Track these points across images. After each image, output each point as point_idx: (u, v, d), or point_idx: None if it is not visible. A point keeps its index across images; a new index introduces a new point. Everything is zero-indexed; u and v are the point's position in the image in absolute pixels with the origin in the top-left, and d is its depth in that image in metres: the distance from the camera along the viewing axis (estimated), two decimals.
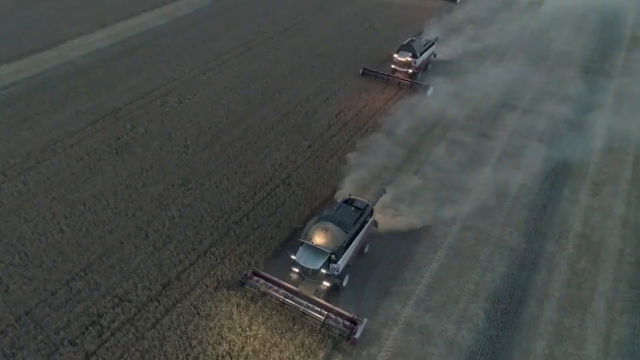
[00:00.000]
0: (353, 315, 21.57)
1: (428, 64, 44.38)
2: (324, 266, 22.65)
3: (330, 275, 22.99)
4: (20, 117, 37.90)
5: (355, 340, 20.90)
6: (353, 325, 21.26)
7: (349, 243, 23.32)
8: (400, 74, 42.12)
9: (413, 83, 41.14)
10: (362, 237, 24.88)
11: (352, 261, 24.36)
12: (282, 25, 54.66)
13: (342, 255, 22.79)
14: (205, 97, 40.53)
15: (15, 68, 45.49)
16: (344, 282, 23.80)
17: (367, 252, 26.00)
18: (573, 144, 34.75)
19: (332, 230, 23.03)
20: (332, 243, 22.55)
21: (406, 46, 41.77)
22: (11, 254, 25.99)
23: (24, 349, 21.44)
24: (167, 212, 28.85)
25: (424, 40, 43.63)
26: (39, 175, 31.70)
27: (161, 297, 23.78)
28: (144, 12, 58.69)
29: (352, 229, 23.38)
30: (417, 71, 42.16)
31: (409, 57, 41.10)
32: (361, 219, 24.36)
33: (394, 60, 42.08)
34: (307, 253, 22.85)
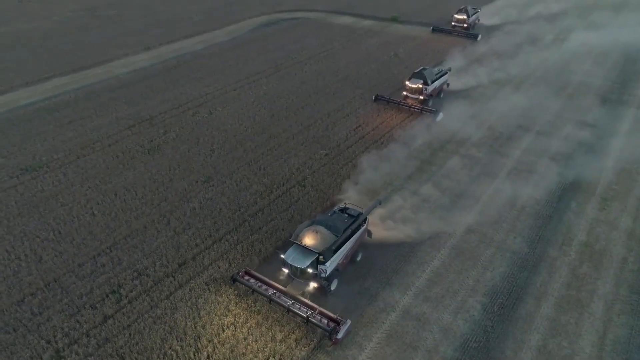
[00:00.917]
0: (337, 316, 21.66)
1: (440, 92, 45.88)
2: (311, 266, 23.02)
3: (318, 276, 23.36)
4: (67, 120, 41.69)
5: (337, 340, 21.07)
6: (336, 325, 21.36)
7: (339, 247, 23.69)
8: (411, 100, 43.60)
9: (423, 109, 42.54)
10: (354, 244, 25.28)
11: (343, 267, 24.82)
12: (311, 52, 58.10)
13: (330, 258, 23.04)
14: (234, 110, 43.50)
15: (66, 81, 50.11)
16: (332, 286, 24.18)
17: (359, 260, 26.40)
18: (585, 164, 35.38)
19: (323, 233, 23.71)
20: (321, 245, 23.15)
21: (418, 74, 43.55)
22: (47, 231, 28.59)
23: (50, 309, 23.51)
24: (189, 204, 31.09)
25: (437, 70, 45.48)
26: (78, 168, 34.77)
27: (176, 274, 25.62)
28: (185, 39, 63.52)
29: (342, 234, 23.90)
30: (428, 98, 43.62)
31: (420, 84, 42.71)
32: (353, 225, 24.88)
33: (406, 87, 43.79)
34: (296, 253, 23.38)
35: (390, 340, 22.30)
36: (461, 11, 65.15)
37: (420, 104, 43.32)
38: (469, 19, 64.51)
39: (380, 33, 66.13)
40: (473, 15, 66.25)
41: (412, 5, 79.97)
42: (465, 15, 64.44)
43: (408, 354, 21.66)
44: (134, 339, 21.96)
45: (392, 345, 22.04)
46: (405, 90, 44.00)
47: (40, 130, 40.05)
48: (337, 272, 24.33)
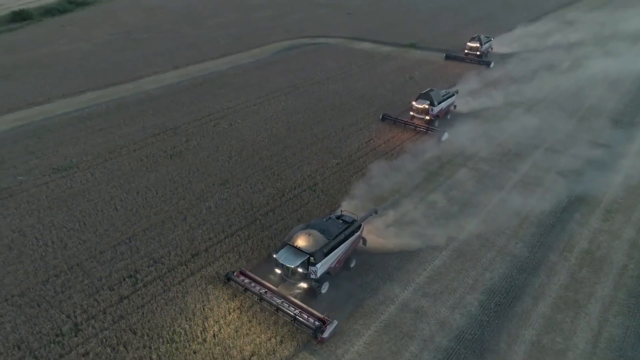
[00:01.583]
0: (324, 316, 22.29)
1: (447, 113, 46.93)
2: (302, 266, 23.56)
3: (307, 277, 23.89)
4: (97, 128, 44.66)
5: (323, 339, 21.63)
6: (322, 325, 21.93)
7: (330, 251, 24.27)
8: (418, 121, 44.77)
9: (429, 129, 43.64)
10: (347, 249, 25.83)
11: (335, 272, 25.33)
12: (329, 74, 60.62)
13: (321, 260, 23.58)
14: (252, 123, 45.83)
15: (99, 94, 53.61)
16: (323, 289, 24.66)
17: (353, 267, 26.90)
18: (592, 179, 35.87)
19: (315, 235, 24.43)
20: (312, 247, 23.80)
21: (425, 95, 44.75)
22: (72, 222, 30.79)
23: (71, 289, 25.36)
24: (205, 203, 32.98)
25: (444, 91, 46.65)
26: (105, 169, 37.25)
27: (189, 263, 27.27)
28: (212, 60, 67.05)
29: (334, 237, 24.61)
30: (434, 118, 44.61)
31: (426, 104, 43.87)
32: (346, 231, 25.59)
33: (413, 107, 44.99)
34: (288, 253, 24.03)
35: (387, 329, 23.25)
36: (474, 39, 66.72)
37: (427, 124, 44.36)
38: (481, 47, 65.90)
39: (397, 58, 68.48)
40: (486, 44, 67.63)
41: (430, 32, 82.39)
42: (478, 44, 65.94)
43: (404, 342, 22.54)
44: (146, 317, 23.49)
45: (389, 333, 22.97)
46: (412, 111, 45.17)
47: (72, 136, 43.00)
48: (329, 276, 24.81)
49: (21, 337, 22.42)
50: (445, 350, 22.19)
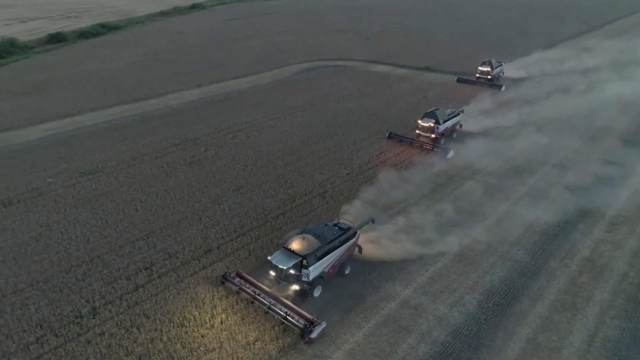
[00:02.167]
0: (313, 317, 22.88)
1: (453, 132, 47.80)
2: (294, 268, 24.25)
3: (300, 278, 24.57)
4: (122, 137, 47.28)
5: (311, 339, 22.19)
6: (310, 325, 22.50)
7: (324, 255, 25.00)
8: (424, 138, 45.77)
9: (434, 146, 44.62)
10: (341, 256, 26.46)
11: (329, 277, 25.94)
12: (345, 93, 62.74)
13: (313, 263, 24.28)
14: (269, 136, 47.87)
15: (126, 108, 56.61)
16: (316, 293, 25.35)
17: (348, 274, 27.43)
18: (598, 193, 36.43)
19: (309, 239, 25.11)
20: (305, 249, 24.51)
21: (430, 113, 45.81)
22: (95, 219, 32.80)
23: (91, 277, 27.09)
24: (219, 206, 34.71)
25: (449, 110, 47.66)
26: (127, 174, 39.47)
27: (202, 258, 28.82)
28: (233, 79, 70.03)
29: (328, 242, 25.30)
30: (440, 137, 45.51)
31: (431, 123, 44.92)
32: (341, 237, 26.26)
33: (418, 125, 46.00)
34: (282, 255, 24.79)
35: (387, 323, 24.18)
36: (485, 64, 67.68)
37: (432, 142, 45.25)
38: (492, 71, 66.77)
39: (412, 80, 70.40)
40: (497, 68, 68.57)
41: (446, 57, 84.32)
42: (489, 68, 66.82)
43: (402, 335, 23.42)
44: (159, 304, 24.96)
45: (388, 327, 23.90)
46: (417, 129, 46.07)
47: (99, 144, 45.63)
48: (322, 280, 25.52)
49: (43, 317, 24.09)
50: (442, 343, 22.96)
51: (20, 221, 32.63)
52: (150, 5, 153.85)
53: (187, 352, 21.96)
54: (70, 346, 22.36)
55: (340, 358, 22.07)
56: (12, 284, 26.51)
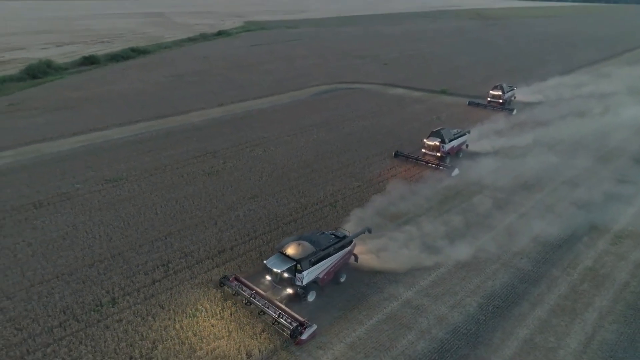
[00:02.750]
0: (304, 320, 23.53)
1: (459, 151, 48.54)
2: (288, 271, 25.11)
3: (294, 282, 25.35)
4: (146, 149, 49.93)
5: (301, 341, 22.80)
6: (301, 327, 23.09)
7: (318, 261, 25.77)
8: (429, 157, 46.51)
9: (439, 165, 45.31)
10: (336, 263, 27.17)
11: (323, 283, 26.62)
12: (360, 113, 64.75)
13: (307, 268, 25.08)
14: (285, 150, 49.88)
15: (151, 124, 59.64)
16: (310, 297, 25.94)
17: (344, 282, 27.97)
18: (605, 209, 36.95)
19: (304, 245, 25.85)
20: (300, 254, 25.28)
21: (436, 133, 46.73)
22: (118, 221, 34.88)
23: (112, 271, 28.91)
24: (234, 212, 36.47)
25: (455, 130, 48.58)
26: (149, 182, 41.75)
27: (216, 257, 30.42)
28: (254, 99, 72.96)
29: (323, 249, 26.05)
30: (445, 155, 46.22)
31: (437, 141, 45.84)
32: (337, 245, 27.04)
33: (424, 144, 46.93)
34: (277, 260, 25.68)
35: (388, 320, 25.16)
36: (496, 88, 68.17)
37: (438, 160, 45.97)
38: (504, 95, 67.46)
39: (427, 102, 72.11)
40: (509, 92, 69.00)
41: (463, 81, 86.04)
42: (500, 92, 67.48)
43: (402, 331, 24.36)
44: (173, 297, 26.53)
45: (389, 324, 24.87)
46: (423, 148, 46.93)
47: (124, 155, 48.29)
48: (317, 286, 26.28)
49: (67, 305, 25.87)
50: (441, 340, 23.80)
51: (49, 221, 34.93)
52: (178, 32, 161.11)
53: (198, 339, 23.31)
54: (90, 330, 23.99)
55: (342, 350, 23.10)
56: (40, 275, 28.50)
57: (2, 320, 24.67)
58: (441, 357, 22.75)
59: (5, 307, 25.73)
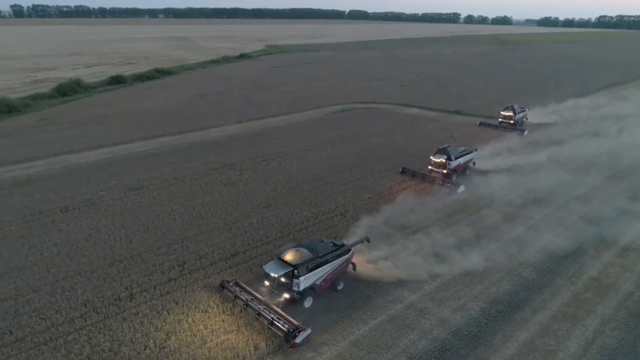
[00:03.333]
0: (299, 324, 24.00)
1: (466, 169, 48.87)
2: (285, 276, 25.72)
3: (291, 287, 25.87)
4: (167, 161, 52.18)
5: (295, 344, 23.38)
6: (295, 330, 23.59)
7: (315, 267, 26.29)
8: (435, 174, 47.15)
9: (445, 182, 45.80)
10: (334, 270, 27.65)
11: (320, 289, 27.08)
12: (375, 130, 66.29)
13: (304, 273, 25.54)
14: (299, 164, 51.53)
15: (172, 138, 62.17)
16: (306, 303, 26.46)
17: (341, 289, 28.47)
18: (614, 223, 37.30)
19: (302, 252, 26.47)
20: (297, 260, 25.87)
21: (442, 150, 47.39)
22: (138, 225, 36.68)
23: (131, 270, 30.51)
24: (249, 219, 37.95)
25: (462, 148, 49.15)
26: (169, 191, 43.69)
27: (229, 260, 31.80)
28: (271, 117, 75.31)
29: (320, 256, 26.69)
30: (452, 172, 46.65)
31: (443, 159, 46.44)
32: (334, 252, 27.69)
33: (431, 161, 47.58)
34: (275, 265, 26.30)
35: (392, 321, 26.01)
36: (508, 109, 68.83)
37: (444, 177, 46.52)
38: (515, 116, 67.85)
39: (441, 121, 73.33)
40: (520, 113, 69.66)
41: (478, 101, 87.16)
42: (511, 112, 68.00)
43: (405, 331, 25.18)
44: (187, 294, 27.89)
45: (393, 324, 25.72)
46: (430, 165, 47.64)
47: (146, 166, 50.56)
48: (314, 292, 26.72)
49: (88, 298, 27.47)
50: (442, 341, 24.52)
51: (74, 224, 36.94)
52: (202, 55, 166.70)
53: (209, 332, 24.54)
54: (109, 322, 25.46)
55: (345, 347, 24.02)
56: (64, 272, 30.26)
57: (29, 311, 26.35)
58: (441, 356, 23.47)
59: (32, 299, 27.45)
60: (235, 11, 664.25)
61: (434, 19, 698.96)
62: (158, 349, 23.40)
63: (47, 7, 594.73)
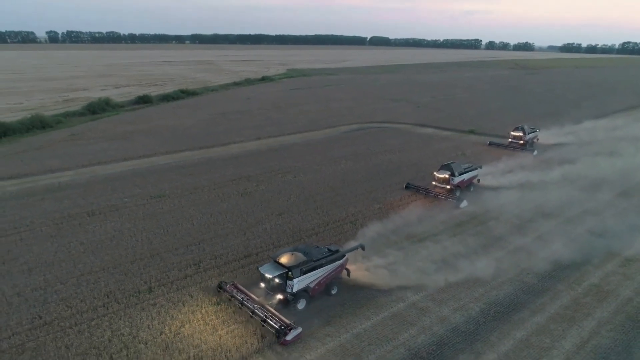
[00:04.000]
0: (290, 323, 25.02)
1: (470, 185, 49.70)
2: (279, 278, 26.92)
3: (284, 289, 27.12)
4: (187, 173, 54.82)
5: (286, 341, 24.33)
6: (285, 329, 24.57)
7: (309, 270, 27.47)
8: (439, 189, 48.04)
9: (447, 197, 46.56)
10: (328, 275, 28.76)
11: (314, 293, 28.21)
12: (388, 148, 68.07)
13: (298, 276, 26.80)
14: (313, 177, 53.52)
15: (194, 153, 65.07)
16: (300, 305, 27.46)
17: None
18: (619, 236, 37.74)
19: (297, 255, 27.78)
20: (292, 263, 27.16)
21: (446, 166, 48.50)
22: (158, 229, 38.96)
23: (150, 267, 32.60)
24: (262, 225, 39.90)
25: (466, 165, 50.16)
26: (188, 199, 46.07)
27: (241, 260, 33.68)
28: (289, 135, 77.90)
29: (315, 260, 27.90)
30: (455, 188, 47.56)
31: (447, 174, 47.57)
32: (329, 257, 28.84)
33: (435, 177, 48.70)
34: (270, 267, 27.64)
35: (394, 318, 27.30)
36: (517, 129, 69.61)
37: (448, 192, 47.39)
38: (525, 136, 68.49)
39: (454, 140, 74.74)
40: (530, 134, 70.23)
41: (494, 123, 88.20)
42: (521, 133, 68.72)
43: (405, 327, 26.43)
44: (202, 288, 29.78)
45: (395, 320, 27.01)
46: (434, 180, 48.70)
47: (168, 177, 53.25)
48: (307, 295, 27.86)
49: (110, 290, 29.58)
50: (440, 336, 25.67)
51: (99, 226, 39.43)
52: (225, 78, 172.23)
53: (220, 322, 26.27)
54: (129, 310, 27.45)
55: (348, 338, 25.39)
56: (89, 267, 32.53)
57: (56, 299, 28.55)
58: (438, 349, 24.63)
59: (59, 289, 29.69)
60: (259, 37, 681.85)
61: (454, 45, 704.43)
62: (173, 334, 25.20)
63: (80, 33, 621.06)
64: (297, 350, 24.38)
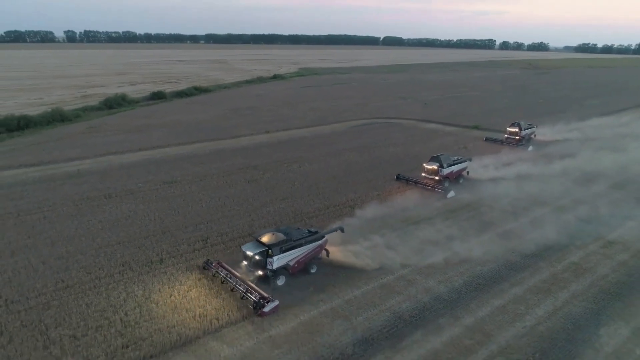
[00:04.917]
0: (268, 296, 26.67)
1: (459, 177, 51.09)
2: (260, 255, 28.73)
3: (264, 266, 28.85)
4: (198, 162, 57.83)
5: (264, 313, 25.88)
6: (263, 301, 26.20)
7: (289, 249, 29.29)
8: (428, 180, 49.66)
9: (436, 187, 48.19)
10: (307, 254, 30.55)
11: (294, 271, 30.01)
12: (392, 141, 70.36)
13: (277, 254, 28.64)
14: (317, 167, 56.11)
15: (205, 144, 68.06)
16: (279, 281, 29.11)
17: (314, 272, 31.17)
18: (606, 222, 39.60)
19: (277, 235, 29.63)
20: (272, 241, 29.02)
21: (435, 158, 50.08)
22: (170, 210, 41.88)
23: (162, 242, 35.48)
24: (266, 208, 42.60)
25: (455, 157, 51.65)
26: (198, 185, 49.00)
27: (246, 237, 36.20)
28: (298, 129, 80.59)
29: (294, 240, 29.78)
30: (444, 179, 48.72)
31: (435, 166, 49.16)
32: (308, 238, 30.68)
33: (424, 168, 50.34)
34: (252, 245, 29.67)
35: (382, 288, 29.69)
36: (514, 125, 70.62)
37: (437, 183, 49.00)
38: (521, 132, 69.41)
39: (458, 135, 76.70)
40: (527, 130, 71.04)
41: (498, 119, 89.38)
42: (517, 129, 69.68)
43: (392, 295, 28.82)
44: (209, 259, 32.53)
45: (383, 289, 29.41)
46: (423, 172, 50.31)
47: (179, 166, 56.29)
48: (287, 272, 29.73)
49: (126, 260, 32.49)
50: (424, 303, 28.00)
51: (115, 207, 42.49)
52: (238, 76, 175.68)
53: (224, 287, 28.95)
54: (142, 277, 30.31)
55: (339, 303, 27.86)
56: (106, 241, 35.52)
57: (77, 267, 31.52)
58: (421, 313, 27.00)
59: (79, 259, 32.68)
60: (272, 37, 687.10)
61: (468, 45, 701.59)
62: (181, 297, 27.97)
63: (97, 33, 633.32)
64: (292, 311, 26.94)
